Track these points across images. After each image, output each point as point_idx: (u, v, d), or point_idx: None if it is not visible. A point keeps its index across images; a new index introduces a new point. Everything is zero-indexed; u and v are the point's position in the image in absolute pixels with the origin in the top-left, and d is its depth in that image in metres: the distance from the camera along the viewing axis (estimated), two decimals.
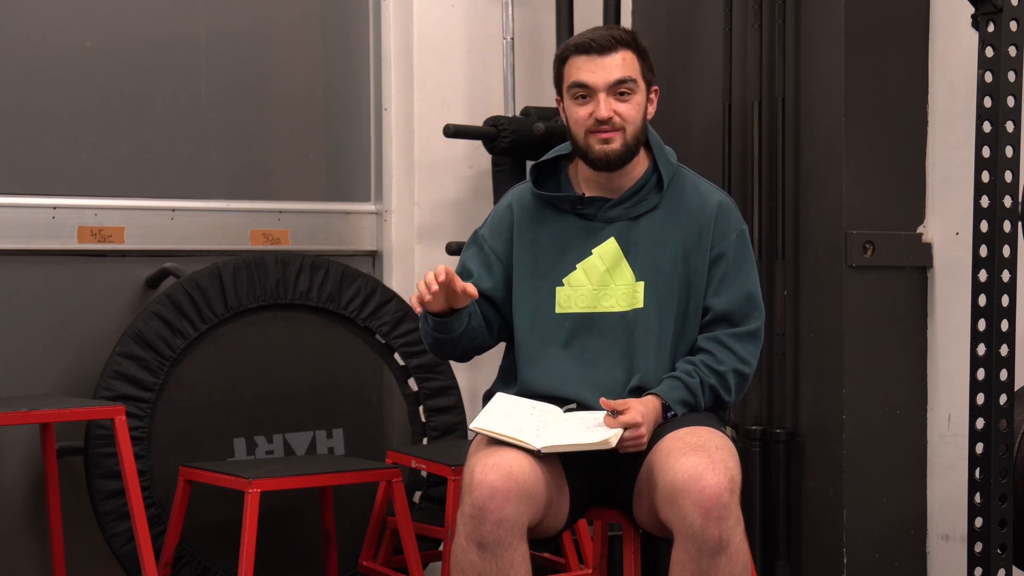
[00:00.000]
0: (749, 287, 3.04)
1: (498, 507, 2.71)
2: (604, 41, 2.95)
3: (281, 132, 4.29)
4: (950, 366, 3.95)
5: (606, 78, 2.94)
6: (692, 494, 2.68)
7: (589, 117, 2.96)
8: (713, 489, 2.68)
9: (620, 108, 2.96)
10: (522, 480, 2.73)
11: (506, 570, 2.73)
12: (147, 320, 3.76)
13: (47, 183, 3.87)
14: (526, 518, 2.75)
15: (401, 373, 4.12)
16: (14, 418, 3.35)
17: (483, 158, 4.34)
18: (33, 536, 3.82)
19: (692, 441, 2.79)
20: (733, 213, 3.07)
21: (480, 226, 3.16)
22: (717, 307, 3.01)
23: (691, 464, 2.71)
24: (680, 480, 2.71)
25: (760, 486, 4.00)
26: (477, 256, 3.11)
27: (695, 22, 4.25)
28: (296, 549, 3.93)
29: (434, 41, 4.37)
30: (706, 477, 2.69)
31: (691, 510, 2.69)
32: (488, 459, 2.76)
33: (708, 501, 2.68)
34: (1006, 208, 3.17)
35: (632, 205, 3.03)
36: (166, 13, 4.06)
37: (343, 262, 4.11)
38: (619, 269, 3.00)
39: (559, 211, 3.06)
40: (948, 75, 3.98)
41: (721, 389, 2.97)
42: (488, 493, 2.71)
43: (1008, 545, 3.21)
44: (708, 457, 2.73)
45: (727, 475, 2.71)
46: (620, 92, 2.95)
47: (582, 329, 3.00)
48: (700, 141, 4.18)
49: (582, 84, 2.96)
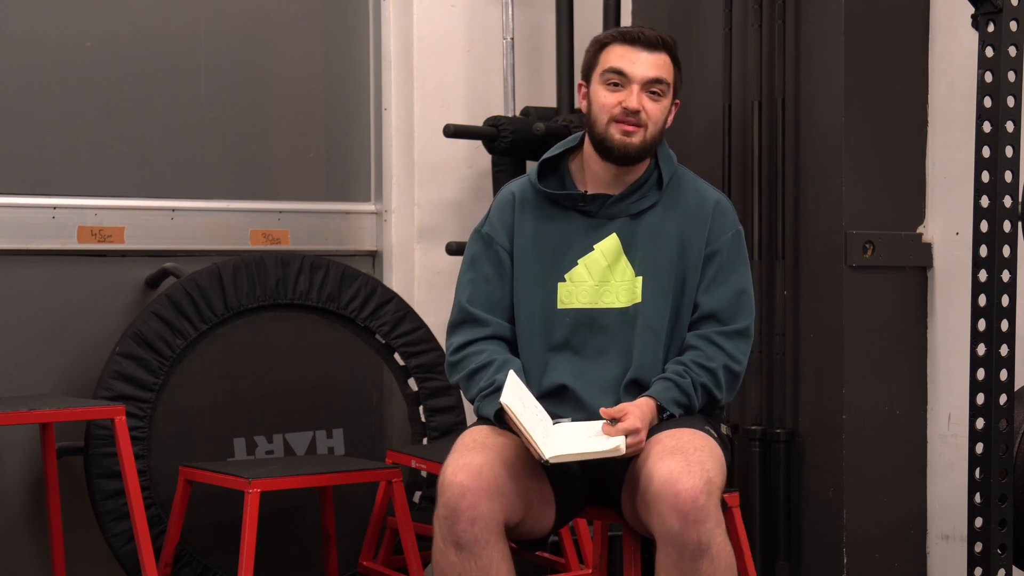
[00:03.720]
0: (740, 285, 3.03)
1: (470, 506, 2.72)
2: (652, 37, 2.99)
3: (281, 132, 4.29)
4: (950, 366, 3.95)
5: (644, 72, 2.97)
6: (668, 498, 2.68)
7: (617, 105, 2.97)
8: (688, 493, 2.67)
9: (649, 105, 2.98)
10: (492, 479, 2.75)
11: (486, 568, 2.74)
12: (147, 320, 3.76)
13: (47, 183, 3.87)
14: (500, 516, 2.76)
15: (401, 373, 4.12)
16: (14, 418, 3.35)
17: (483, 158, 4.34)
18: (33, 536, 3.82)
19: (670, 444, 2.79)
20: (730, 213, 3.08)
21: (481, 222, 3.14)
22: (706, 304, 3.01)
23: (667, 468, 2.71)
24: (656, 485, 2.71)
25: (760, 486, 4.00)
26: (488, 257, 3.09)
27: (695, 22, 4.25)
28: (296, 549, 3.93)
29: (434, 41, 4.37)
30: (681, 481, 2.68)
31: (669, 514, 2.68)
32: (460, 460, 2.78)
33: (684, 505, 2.67)
34: (1006, 208, 3.17)
35: (634, 202, 3.04)
36: (166, 13, 4.06)
37: (343, 262, 4.11)
38: (619, 265, 3.01)
39: (561, 207, 3.06)
40: (948, 75, 3.97)
41: (713, 387, 2.97)
42: (458, 493, 2.73)
43: (1008, 545, 3.21)
44: (684, 460, 2.72)
45: (703, 477, 2.70)
46: (653, 91, 2.98)
47: (583, 325, 3.01)
48: (700, 141, 4.18)
49: (619, 71, 2.97)
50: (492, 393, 2.91)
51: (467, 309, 3.05)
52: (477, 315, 3.04)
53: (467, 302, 3.06)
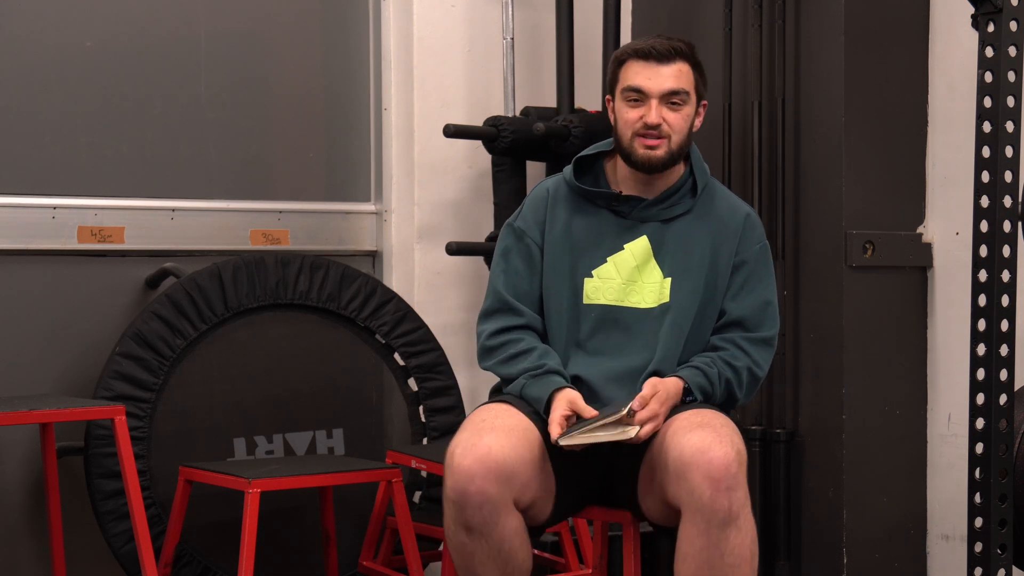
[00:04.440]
0: (767, 296, 3.11)
1: (478, 490, 2.75)
2: (664, 50, 3.03)
3: (281, 132, 4.29)
4: (950, 366, 3.95)
5: (660, 86, 3.02)
6: (701, 466, 2.72)
7: (639, 120, 3.03)
8: (721, 460, 2.72)
9: (669, 117, 3.04)
10: (500, 460, 2.78)
11: (498, 546, 2.79)
12: (147, 320, 3.75)
13: (47, 183, 3.86)
14: (509, 495, 2.79)
15: (401, 373, 4.12)
16: (14, 418, 3.34)
17: (483, 158, 4.34)
18: (33, 536, 3.82)
19: (697, 420, 2.84)
20: (758, 227, 3.16)
21: (515, 216, 3.19)
22: (734, 311, 3.08)
23: (698, 438, 2.76)
24: (688, 453, 2.75)
25: (760, 486, 4.00)
26: (519, 251, 3.13)
27: (695, 22, 4.25)
28: (296, 549, 3.93)
29: (434, 41, 4.37)
30: (714, 449, 2.73)
31: (700, 482, 2.72)
32: (467, 442, 2.81)
33: (717, 471, 2.71)
34: (1006, 208, 3.17)
35: (667, 207, 3.09)
36: (166, 13, 4.06)
37: (343, 262, 4.10)
38: (648, 267, 3.06)
39: (594, 205, 3.11)
40: (948, 75, 3.98)
41: (735, 385, 3.03)
42: (466, 477, 2.76)
43: (1008, 545, 3.21)
44: (715, 432, 2.78)
45: (734, 448, 2.76)
46: (672, 102, 3.04)
47: (607, 322, 3.05)
48: (700, 141, 4.14)
49: (637, 88, 3.03)
50: (542, 375, 2.96)
51: (504, 297, 3.10)
52: (513, 304, 3.09)
53: (503, 289, 3.11)
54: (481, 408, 2.98)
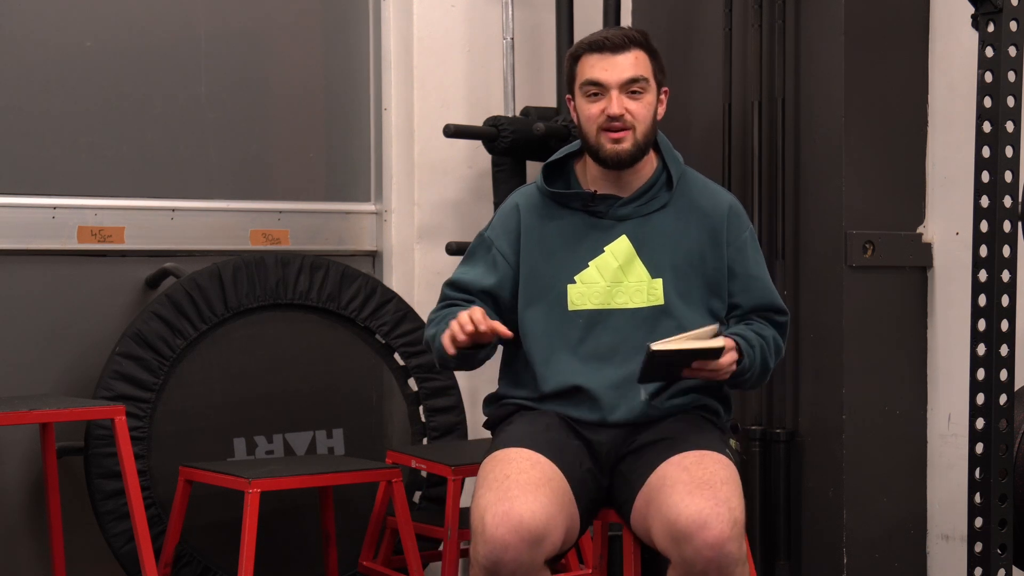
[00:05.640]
0: (765, 276, 3.11)
1: (512, 559, 2.70)
2: (617, 40, 2.98)
3: (281, 132, 4.29)
4: (950, 366, 3.95)
5: (619, 76, 2.97)
6: (696, 542, 2.67)
7: (601, 114, 2.98)
8: (717, 539, 2.66)
9: (631, 106, 2.98)
10: (534, 527, 2.71)
11: None
12: (147, 320, 3.75)
13: (47, 183, 3.87)
14: (542, 557, 2.74)
15: (401, 373, 4.12)
16: (14, 418, 3.34)
17: (483, 158, 4.34)
18: (33, 536, 3.82)
19: (698, 475, 2.77)
20: (742, 214, 3.14)
21: (485, 227, 3.16)
22: (747, 303, 3.08)
23: (696, 508, 2.69)
24: (683, 524, 2.69)
25: (760, 486, 4.00)
26: (482, 257, 3.12)
27: (695, 22, 4.25)
28: (296, 549, 3.93)
29: (434, 41, 4.37)
30: (711, 525, 2.67)
31: (694, 556, 2.68)
32: (498, 507, 2.72)
33: (711, 551, 2.66)
34: (1006, 208, 3.18)
35: (643, 203, 3.05)
36: (166, 13, 4.06)
37: (343, 262, 4.11)
38: (632, 266, 3.02)
39: (568, 209, 3.07)
40: (948, 75, 3.98)
41: (770, 353, 3.03)
42: (501, 547, 2.70)
43: (1008, 545, 3.21)
44: (713, 498, 2.71)
45: (731, 519, 2.69)
46: (632, 91, 2.98)
47: (596, 325, 3.02)
48: (700, 141, 4.18)
49: (595, 82, 2.98)
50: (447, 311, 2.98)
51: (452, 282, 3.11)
52: (461, 286, 3.09)
53: (455, 278, 3.11)
54: (500, 458, 2.88)
